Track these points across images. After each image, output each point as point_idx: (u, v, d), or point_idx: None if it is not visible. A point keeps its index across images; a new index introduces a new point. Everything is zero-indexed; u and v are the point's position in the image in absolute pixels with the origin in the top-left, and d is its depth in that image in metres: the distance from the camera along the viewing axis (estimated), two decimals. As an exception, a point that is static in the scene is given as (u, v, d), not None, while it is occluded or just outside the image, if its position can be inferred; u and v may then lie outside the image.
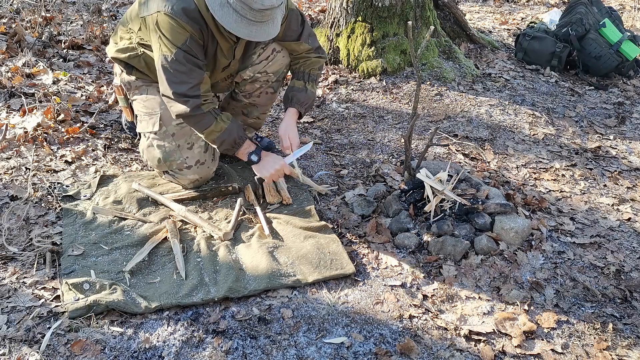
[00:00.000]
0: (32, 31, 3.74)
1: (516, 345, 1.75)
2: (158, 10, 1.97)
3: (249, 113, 2.53)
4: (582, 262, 2.14)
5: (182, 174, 2.32)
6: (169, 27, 1.97)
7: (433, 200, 2.23)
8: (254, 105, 2.50)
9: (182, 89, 2.04)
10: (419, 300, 1.91)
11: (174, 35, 1.98)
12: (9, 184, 2.36)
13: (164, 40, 2.00)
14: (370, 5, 3.56)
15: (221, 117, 2.12)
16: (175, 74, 2.03)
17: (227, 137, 2.14)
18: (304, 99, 2.35)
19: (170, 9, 1.95)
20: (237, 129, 2.16)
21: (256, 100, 2.48)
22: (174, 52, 2.00)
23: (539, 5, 5.58)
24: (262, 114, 2.58)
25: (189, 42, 2.00)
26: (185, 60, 2.02)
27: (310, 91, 2.37)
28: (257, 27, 1.93)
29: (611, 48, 3.79)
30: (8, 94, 2.99)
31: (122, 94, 2.45)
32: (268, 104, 2.55)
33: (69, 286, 1.83)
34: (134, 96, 2.36)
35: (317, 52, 2.38)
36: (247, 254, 2.04)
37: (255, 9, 1.86)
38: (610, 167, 2.83)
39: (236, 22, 1.91)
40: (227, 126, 2.12)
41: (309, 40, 2.33)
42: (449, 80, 3.60)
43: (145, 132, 2.31)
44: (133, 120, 2.62)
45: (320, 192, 2.45)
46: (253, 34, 1.94)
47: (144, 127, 2.31)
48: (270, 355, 1.67)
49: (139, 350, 1.67)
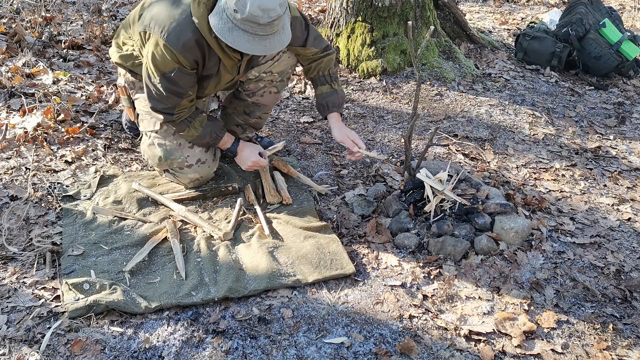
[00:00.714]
0: (32, 31, 3.74)
1: (516, 345, 1.75)
2: (155, 33, 1.96)
3: (251, 113, 2.53)
4: (582, 262, 2.14)
5: (182, 173, 2.32)
6: (161, 53, 1.97)
7: (433, 200, 2.23)
8: (257, 104, 2.50)
9: (157, 106, 2.13)
10: (419, 300, 1.91)
11: (162, 62, 1.99)
12: (9, 184, 2.36)
13: (152, 61, 2.01)
14: (370, 5, 3.56)
15: (193, 125, 2.19)
16: (154, 94, 2.09)
17: (199, 141, 2.26)
18: (337, 100, 2.37)
19: (166, 38, 1.94)
20: (209, 133, 2.23)
21: (259, 100, 2.48)
22: (158, 77, 2.03)
23: (539, 5, 5.58)
24: (264, 113, 2.57)
25: (175, 74, 2.01)
26: (163, 89, 2.05)
27: (339, 89, 2.38)
28: (270, 39, 1.91)
29: (611, 48, 3.79)
30: (8, 94, 2.99)
31: (126, 94, 2.45)
32: (271, 103, 2.54)
33: (69, 286, 1.83)
34: (136, 95, 2.37)
35: (324, 51, 2.35)
36: (247, 254, 2.04)
37: (263, 23, 1.83)
38: (610, 167, 2.83)
39: (249, 42, 1.88)
40: (199, 133, 2.21)
41: (315, 43, 2.31)
42: (449, 80, 3.60)
43: (146, 130, 2.32)
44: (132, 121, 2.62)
45: (320, 192, 2.45)
46: (268, 47, 1.93)
47: (146, 126, 2.31)
48: (270, 355, 1.67)
49: (139, 350, 1.67)
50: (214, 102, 3.17)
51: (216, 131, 2.25)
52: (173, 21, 1.94)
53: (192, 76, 2.08)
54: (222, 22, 1.86)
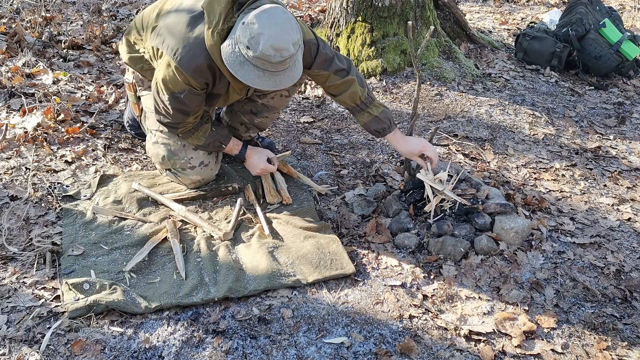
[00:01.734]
0: (32, 31, 3.74)
1: (516, 345, 1.75)
2: (168, 54, 1.96)
3: (258, 113, 2.51)
4: (582, 262, 2.14)
5: (184, 174, 2.32)
6: (172, 74, 1.98)
7: (433, 200, 2.23)
8: (266, 106, 2.48)
9: (162, 120, 2.15)
10: (419, 300, 1.91)
11: (173, 83, 2.00)
12: (9, 184, 2.36)
13: (162, 80, 2.01)
14: (370, 5, 3.56)
15: (196, 135, 2.20)
16: (161, 109, 2.11)
17: (202, 149, 2.28)
18: (381, 124, 2.23)
19: (178, 61, 1.94)
20: (212, 142, 2.24)
21: (269, 102, 2.46)
22: (167, 95, 2.04)
23: (539, 5, 5.58)
24: (272, 114, 2.55)
25: (185, 95, 2.01)
26: (171, 107, 2.06)
27: (379, 112, 2.23)
28: (281, 75, 1.88)
29: (611, 48, 3.79)
30: (8, 94, 2.99)
31: (133, 91, 2.45)
32: (280, 106, 2.53)
33: (69, 286, 1.83)
34: (143, 92, 2.36)
35: (336, 74, 2.19)
36: (247, 254, 2.04)
37: (275, 62, 1.82)
38: (610, 167, 2.83)
39: (259, 78, 1.86)
40: (201, 143, 2.23)
41: (324, 66, 2.17)
42: (449, 80, 3.60)
43: (152, 129, 2.31)
44: (134, 119, 2.61)
45: (320, 192, 2.45)
46: (278, 83, 1.90)
47: (151, 124, 2.31)
48: (270, 355, 1.67)
49: (139, 350, 1.67)
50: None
51: (220, 140, 2.25)
52: (187, 45, 1.94)
53: (201, 96, 2.09)
54: (233, 55, 1.84)
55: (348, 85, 2.21)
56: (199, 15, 1.96)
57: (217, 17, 1.87)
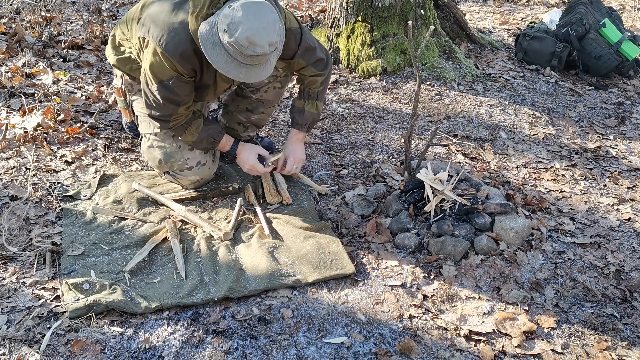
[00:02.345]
0: (32, 31, 3.74)
1: (516, 345, 1.75)
2: (153, 41, 1.96)
3: (254, 109, 2.52)
4: (582, 262, 2.14)
5: (183, 175, 2.32)
6: (159, 61, 1.97)
7: (433, 200, 2.23)
8: (260, 101, 2.49)
9: (154, 113, 2.14)
10: (419, 300, 1.91)
11: (160, 70, 1.99)
12: (9, 184, 2.36)
13: (150, 69, 2.01)
14: (370, 5, 3.56)
15: (189, 130, 2.19)
16: (151, 101, 2.09)
17: (197, 146, 2.26)
18: (302, 120, 2.38)
19: (164, 47, 1.93)
20: (206, 137, 2.23)
21: (263, 96, 2.47)
22: (155, 85, 2.03)
23: (539, 5, 5.58)
24: (268, 109, 2.55)
25: (173, 82, 2.00)
26: (161, 97, 2.05)
27: (308, 112, 2.36)
28: (248, 69, 1.88)
29: (611, 48, 3.79)
30: (8, 94, 2.99)
31: (122, 96, 2.45)
32: (275, 99, 2.53)
33: (69, 286, 1.83)
34: (135, 96, 2.36)
35: (315, 66, 2.26)
36: (247, 254, 2.04)
37: (246, 54, 1.82)
38: (610, 167, 2.83)
39: (226, 63, 1.86)
40: (195, 139, 2.21)
41: (305, 56, 2.22)
42: (449, 80, 3.60)
43: (146, 133, 2.31)
44: (132, 121, 2.62)
45: (320, 192, 2.45)
46: (242, 75, 1.89)
47: (145, 128, 2.31)
48: (270, 355, 1.67)
49: (139, 350, 1.67)
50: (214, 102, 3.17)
51: (213, 135, 2.25)
52: (171, 30, 1.93)
53: (190, 84, 2.08)
54: (209, 34, 1.84)
55: (317, 75, 2.31)
56: (182, 1, 1.97)
57: (202, 3, 1.88)
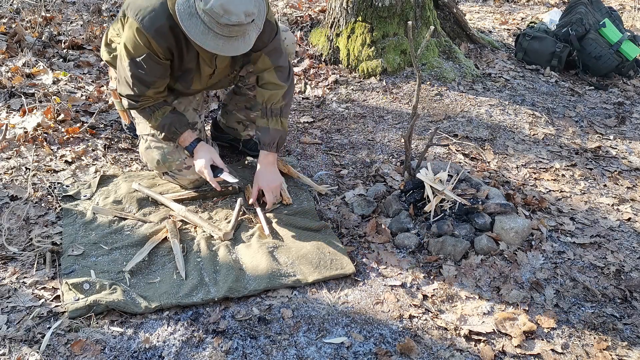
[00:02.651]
0: (32, 31, 3.74)
1: (516, 345, 1.75)
2: (132, 16, 1.96)
3: (253, 107, 2.52)
4: (582, 262, 2.14)
5: (181, 175, 2.32)
6: (133, 37, 1.97)
7: (433, 200, 2.23)
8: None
9: (122, 92, 2.12)
10: (419, 300, 1.91)
11: (134, 46, 1.99)
12: (9, 184, 2.36)
13: (125, 44, 2.01)
14: (370, 5, 3.56)
15: (155, 115, 2.16)
16: (122, 78, 2.09)
17: (160, 130, 2.19)
18: (268, 139, 2.25)
19: (140, 21, 1.93)
20: (168, 125, 2.17)
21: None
22: (127, 60, 2.02)
23: (539, 5, 5.58)
24: None
25: (144, 59, 1.99)
26: (130, 75, 2.04)
27: (274, 129, 2.25)
28: (224, 41, 1.87)
29: (611, 48, 3.79)
30: (8, 94, 2.99)
31: (119, 98, 2.45)
32: None
33: (69, 286, 1.83)
34: None
35: (277, 71, 2.21)
36: (247, 254, 2.04)
37: (221, 23, 1.81)
38: (610, 167, 2.83)
39: (203, 34, 1.85)
40: (158, 123, 2.16)
41: (271, 55, 2.18)
42: (449, 80, 3.60)
43: (143, 134, 2.31)
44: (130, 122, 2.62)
45: (320, 192, 2.45)
46: (219, 47, 1.88)
47: (142, 129, 2.31)
48: (270, 355, 1.67)
49: (139, 350, 1.67)
50: (214, 103, 3.17)
51: (176, 125, 2.18)
52: (149, 6, 1.93)
53: (163, 66, 2.05)
54: (186, 4, 1.84)
55: (276, 87, 2.23)
56: None
57: None
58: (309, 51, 3.85)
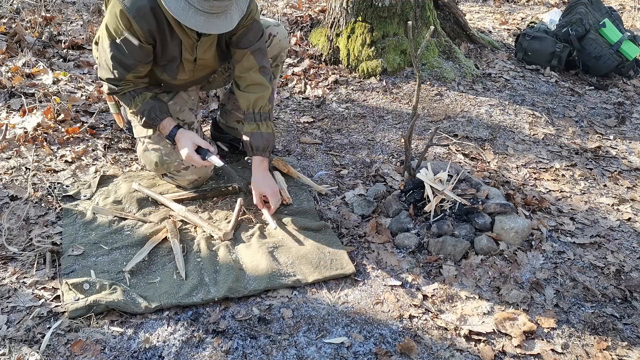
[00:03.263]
0: (32, 31, 3.74)
1: (516, 345, 1.75)
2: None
3: None
4: (582, 262, 2.14)
5: (180, 175, 2.32)
6: (115, 19, 1.96)
7: (433, 200, 2.23)
8: None
9: (102, 75, 2.12)
10: (419, 300, 1.91)
11: (115, 28, 1.98)
12: (9, 184, 2.36)
13: (106, 25, 2.00)
14: (370, 5, 3.56)
15: (135, 101, 2.13)
16: (102, 61, 2.08)
17: (139, 118, 2.16)
18: (261, 144, 2.20)
19: (122, 2, 1.92)
20: (148, 111, 2.13)
21: None
22: (108, 42, 2.01)
23: (539, 5, 5.58)
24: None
25: (123, 40, 1.98)
26: (111, 57, 2.02)
27: (266, 133, 2.21)
28: (206, 18, 1.86)
29: (611, 48, 3.79)
30: (8, 94, 2.99)
31: (113, 100, 2.45)
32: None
33: (69, 286, 1.83)
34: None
35: (262, 72, 2.20)
36: (247, 254, 2.04)
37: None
38: (610, 167, 2.83)
39: (184, 10, 1.84)
40: (138, 109, 2.14)
41: (256, 55, 2.18)
42: (449, 80, 3.60)
43: (140, 137, 2.31)
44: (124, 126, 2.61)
45: (320, 192, 2.45)
46: (201, 24, 1.87)
47: (139, 132, 2.31)
48: (270, 355, 1.67)
49: (139, 350, 1.67)
50: (214, 103, 3.17)
51: (156, 111, 2.14)
52: None
53: (144, 50, 2.03)
54: None
55: (262, 89, 2.20)
56: None
57: None
58: (309, 51, 3.85)
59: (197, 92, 2.49)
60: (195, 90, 2.45)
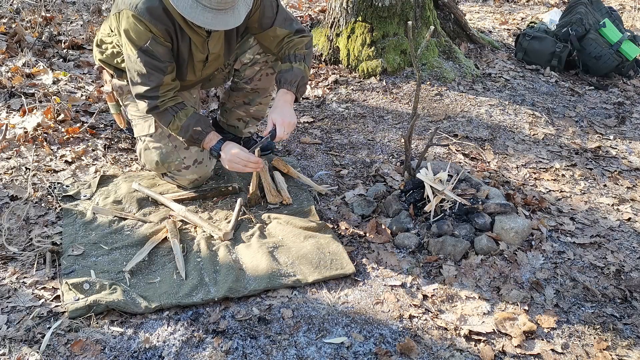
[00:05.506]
0: (32, 31, 3.74)
1: (516, 345, 1.75)
2: (125, 8, 1.96)
3: (251, 101, 2.52)
4: (582, 262, 2.14)
5: (181, 175, 2.32)
6: (133, 26, 1.96)
7: (433, 200, 2.23)
8: (256, 90, 2.49)
9: (141, 90, 2.07)
10: (419, 300, 1.91)
11: (136, 35, 1.98)
12: (9, 184, 2.36)
13: (127, 38, 2.00)
14: (370, 5, 3.56)
15: (179, 115, 2.11)
16: (136, 76, 2.06)
17: (184, 134, 2.12)
18: (290, 77, 2.18)
19: (134, 8, 1.93)
20: (193, 125, 2.11)
21: (258, 85, 2.47)
22: (136, 52, 2.01)
23: (539, 5, 5.58)
24: (264, 98, 2.56)
25: (151, 44, 1.98)
26: (144, 64, 2.01)
27: (297, 69, 2.19)
28: (214, 14, 1.86)
29: (611, 48, 3.79)
30: (8, 94, 2.99)
31: (114, 100, 2.45)
32: (269, 86, 2.52)
33: (69, 286, 1.83)
34: (127, 101, 2.35)
35: (298, 34, 2.23)
36: (247, 254, 2.04)
37: None
38: (610, 167, 2.83)
39: (191, 8, 1.85)
40: (183, 124, 2.10)
41: (286, 24, 2.20)
42: (449, 80, 3.60)
43: (140, 135, 2.31)
44: (125, 127, 2.62)
45: (320, 192, 2.45)
46: (209, 21, 1.88)
47: (140, 131, 2.31)
48: (270, 355, 1.67)
49: (139, 350, 1.67)
50: (214, 103, 3.17)
51: (201, 125, 2.12)
52: None
53: (168, 49, 2.04)
54: None
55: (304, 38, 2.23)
56: None
57: None
58: (309, 51, 3.85)
59: (198, 91, 2.49)
60: (196, 89, 2.46)
